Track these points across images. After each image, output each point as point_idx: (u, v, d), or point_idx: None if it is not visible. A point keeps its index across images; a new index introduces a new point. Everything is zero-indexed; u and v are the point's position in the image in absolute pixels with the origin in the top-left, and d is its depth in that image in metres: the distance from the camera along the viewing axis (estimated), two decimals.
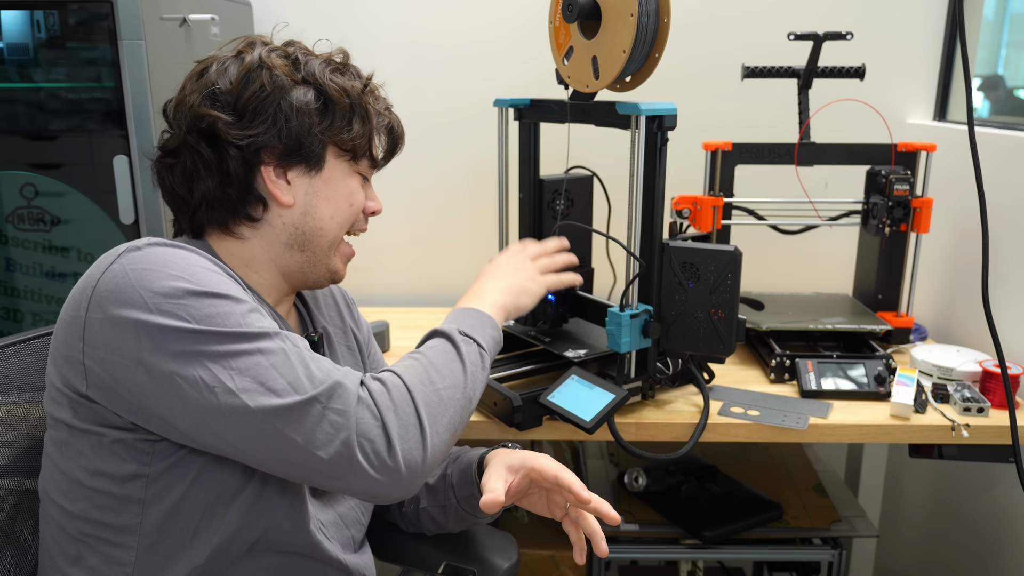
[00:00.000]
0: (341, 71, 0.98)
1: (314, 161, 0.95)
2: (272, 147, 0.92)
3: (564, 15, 1.22)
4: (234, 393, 0.79)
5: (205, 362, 0.79)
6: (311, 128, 0.93)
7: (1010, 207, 1.50)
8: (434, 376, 0.90)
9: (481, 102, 1.65)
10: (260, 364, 0.80)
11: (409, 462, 0.83)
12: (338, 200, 0.98)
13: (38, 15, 1.36)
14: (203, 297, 0.81)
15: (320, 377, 0.82)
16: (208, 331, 0.79)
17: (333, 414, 0.80)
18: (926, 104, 1.93)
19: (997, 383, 1.35)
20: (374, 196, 1.05)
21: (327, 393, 0.81)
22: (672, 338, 1.28)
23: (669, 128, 1.20)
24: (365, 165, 1.01)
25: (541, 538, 1.67)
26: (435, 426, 0.86)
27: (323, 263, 1.00)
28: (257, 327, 0.82)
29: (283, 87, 0.92)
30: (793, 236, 1.73)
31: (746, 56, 1.73)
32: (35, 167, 1.43)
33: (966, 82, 1.18)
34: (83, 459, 0.86)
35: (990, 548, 1.62)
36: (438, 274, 2.03)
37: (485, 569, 1.14)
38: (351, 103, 0.96)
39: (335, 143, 0.96)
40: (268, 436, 0.80)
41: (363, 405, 0.83)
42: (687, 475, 1.61)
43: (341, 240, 1.02)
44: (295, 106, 0.92)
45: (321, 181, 0.96)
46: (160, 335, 0.79)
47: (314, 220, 0.97)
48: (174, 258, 0.83)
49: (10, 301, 1.49)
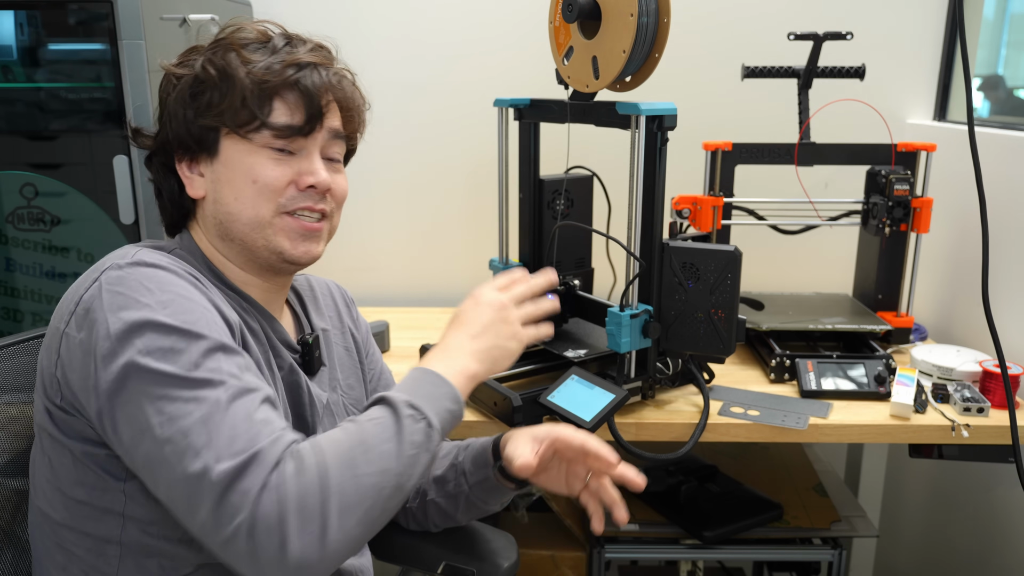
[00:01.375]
0: (244, 45, 0.92)
1: (206, 146, 0.93)
2: (174, 146, 0.94)
3: (564, 15, 1.22)
4: (159, 442, 0.76)
5: (143, 402, 0.77)
6: (186, 116, 0.92)
7: (1010, 207, 1.50)
8: (359, 459, 0.79)
9: (481, 102, 1.65)
10: (191, 415, 0.76)
11: (302, 561, 0.74)
12: (237, 181, 0.92)
13: (22, 16, 1.36)
14: (162, 332, 0.79)
15: (240, 446, 0.75)
16: (152, 369, 0.77)
17: (237, 495, 0.74)
18: (926, 104, 1.93)
19: (997, 383, 1.35)
20: (312, 169, 0.94)
21: (239, 468, 0.74)
22: (672, 338, 1.28)
23: (669, 128, 1.20)
24: (268, 136, 0.91)
25: (541, 538, 1.67)
26: (344, 521, 0.76)
27: (258, 245, 0.94)
28: (203, 373, 0.78)
29: (169, 84, 0.93)
30: (793, 236, 1.73)
31: (746, 56, 1.73)
32: (35, 167, 1.43)
33: (966, 82, 1.18)
34: (64, 470, 0.86)
35: (990, 548, 1.62)
36: (438, 274, 2.03)
37: (485, 569, 1.13)
38: (219, 76, 0.90)
39: (217, 124, 0.91)
40: (179, 496, 0.77)
41: (269, 489, 0.74)
42: (687, 475, 1.61)
43: (271, 218, 0.93)
44: (175, 99, 0.92)
45: (221, 165, 0.93)
46: (113, 366, 0.78)
47: (222, 206, 0.93)
48: (151, 281, 0.82)
49: (10, 301, 1.49)
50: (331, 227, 1.00)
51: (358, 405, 1.13)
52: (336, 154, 0.99)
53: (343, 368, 1.12)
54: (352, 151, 1.07)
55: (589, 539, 1.55)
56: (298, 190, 0.94)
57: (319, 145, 0.95)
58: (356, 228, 2.03)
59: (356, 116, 1.02)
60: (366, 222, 2.03)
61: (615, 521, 1.02)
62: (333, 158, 0.99)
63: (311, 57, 0.94)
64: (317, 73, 0.94)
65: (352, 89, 1.00)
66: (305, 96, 0.92)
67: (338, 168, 1.00)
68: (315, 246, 0.97)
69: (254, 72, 0.90)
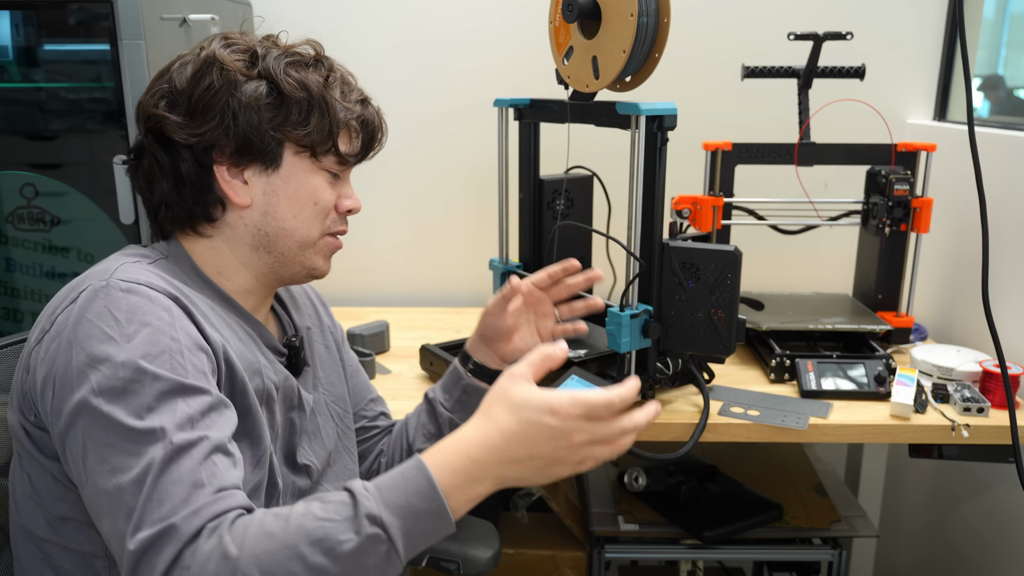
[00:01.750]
0: (304, 63, 0.94)
1: (270, 159, 0.91)
2: (223, 146, 0.90)
3: (564, 15, 1.22)
4: (98, 491, 0.75)
5: (89, 445, 0.76)
6: (260, 124, 0.90)
7: (1010, 207, 1.50)
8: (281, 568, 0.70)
9: (481, 102, 1.65)
10: (129, 472, 0.74)
11: None
12: (299, 199, 0.94)
13: (17, 16, 1.36)
14: (119, 369, 0.77)
15: (161, 514, 0.72)
16: (102, 413, 0.76)
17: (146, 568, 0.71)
18: (926, 104, 1.93)
19: (997, 383, 1.35)
20: (350, 193, 1.00)
21: (152, 540, 0.71)
22: (672, 338, 1.28)
23: (669, 128, 1.20)
24: (331, 161, 0.96)
25: (541, 538, 1.67)
26: None
27: (296, 262, 0.97)
28: (150, 422, 0.75)
29: (233, 83, 0.89)
30: (793, 236, 1.73)
31: (746, 56, 1.73)
32: (35, 167, 1.43)
33: (966, 82, 1.18)
34: (44, 487, 0.85)
35: (990, 548, 1.62)
36: (438, 274, 2.03)
37: (468, 561, 1.15)
38: (308, 96, 0.92)
39: (292, 139, 0.92)
40: (111, 546, 0.76)
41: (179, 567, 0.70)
42: (687, 475, 1.61)
43: (316, 239, 0.97)
44: (244, 102, 0.89)
45: (280, 179, 0.93)
46: (68, 400, 0.77)
47: (276, 221, 0.93)
48: (121, 309, 0.80)
49: (10, 301, 1.49)
50: None
51: (340, 402, 1.13)
52: None
53: (324, 366, 1.12)
54: None
55: (589, 539, 1.55)
56: (337, 213, 0.99)
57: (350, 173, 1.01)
58: (356, 228, 2.01)
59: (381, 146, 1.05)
60: (366, 222, 2.02)
61: (576, 332, 1.15)
62: None
63: (364, 93, 1.00)
64: (373, 110, 1.00)
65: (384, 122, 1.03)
66: (367, 131, 0.99)
67: None
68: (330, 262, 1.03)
69: (343, 102, 0.95)
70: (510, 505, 1.76)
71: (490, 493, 0.79)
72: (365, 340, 1.61)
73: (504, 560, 1.64)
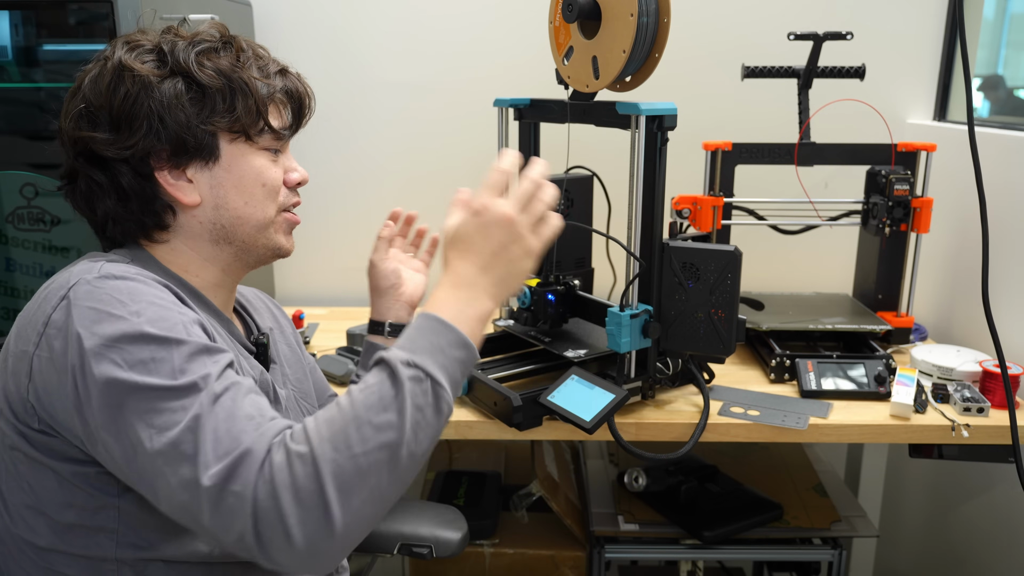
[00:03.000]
0: (213, 49, 0.92)
1: (208, 152, 0.90)
2: (158, 151, 0.89)
3: (564, 15, 1.22)
4: (151, 456, 0.75)
5: (131, 417, 0.76)
6: (189, 121, 0.88)
7: (1010, 207, 1.50)
8: (353, 438, 0.75)
9: (481, 102, 1.65)
10: (178, 425, 0.75)
11: (312, 549, 0.73)
12: (247, 184, 0.93)
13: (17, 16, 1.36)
14: (141, 343, 0.78)
15: (226, 447, 0.75)
16: (136, 384, 0.76)
17: (232, 498, 0.73)
18: (926, 104, 1.93)
19: (997, 383, 1.35)
20: (295, 167, 0.99)
21: (229, 470, 0.74)
22: (672, 338, 1.28)
23: (669, 128, 1.20)
24: (268, 139, 0.95)
25: (541, 538, 1.67)
26: (347, 503, 0.73)
27: (259, 245, 0.96)
28: (188, 378, 0.77)
29: (148, 86, 0.87)
30: (793, 236, 1.73)
31: (746, 56, 1.73)
32: (35, 167, 1.43)
33: (966, 82, 1.18)
34: (48, 492, 0.84)
35: (990, 548, 1.62)
36: (437, 274, 2.02)
37: (440, 544, 1.19)
38: (227, 82, 0.90)
39: (223, 128, 0.91)
40: (179, 507, 0.76)
41: (262, 485, 0.73)
42: (687, 475, 1.61)
43: (273, 219, 0.97)
44: (166, 103, 0.87)
45: (222, 170, 0.92)
46: (93, 384, 0.77)
47: (229, 211, 0.93)
48: (122, 293, 0.80)
49: (10, 301, 1.49)
50: None
51: (307, 398, 1.14)
52: None
53: (290, 364, 1.13)
54: None
55: (589, 539, 1.55)
56: (287, 188, 0.98)
57: (288, 144, 1.00)
58: (356, 228, 2.02)
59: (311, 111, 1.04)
60: (366, 222, 2.02)
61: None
62: None
63: (280, 63, 0.99)
64: (293, 77, 0.99)
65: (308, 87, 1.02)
66: (293, 100, 0.98)
67: None
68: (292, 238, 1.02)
69: (263, 77, 0.94)
70: (510, 505, 1.76)
71: (494, 307, 0.89)
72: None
73: (504, 560, 1.64)
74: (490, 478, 1.84)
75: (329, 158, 1.97)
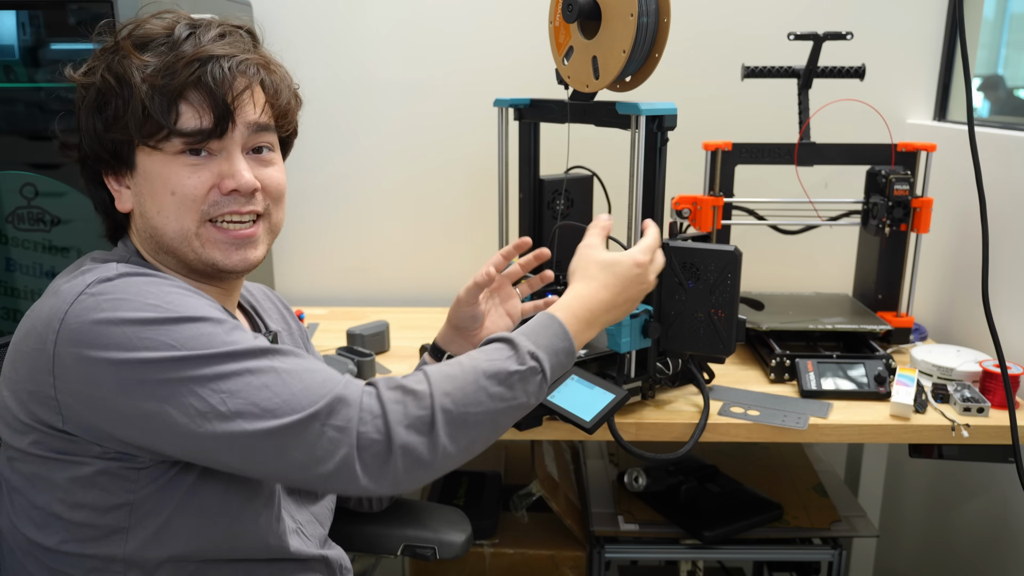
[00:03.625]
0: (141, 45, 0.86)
1: (123, 160, 0.88)
2: (95, 158, 0.90)
3: (564, 15, 1.22)
4: (227, 417, 0.76)
5: (194, 387, 0.76)
6: (95, 129, 0.87)
7: (1010, 207, 1.50)
8: (469, 395, 0.84)
9: (481, 102, 1.65)
10: (251, 384, 0.77)
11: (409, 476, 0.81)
12: (158, 193, 0.87)
13: (24, 16, 1.36)
14: (183, 323, 0.78)
15: (319, 392, 0.79)
16: (194, 356, 0.77)
17: (332, 431, 0.77)
18: (926, 104, 1.93)
19: (997, 383, 1.35)
20: (232, 172, 0.87)
21: (327, 409, 0.78)
22: (672, 338, 1.28)
23: (669, 128, 1.20)
24: (178, 143, 0.85)
25: (541, 538, 1.67)
26: (450, 444, 0.83)
27: (192, 258, 0.89)
28: (244, 345, 0.79)
29: (80, 96, 0.89)
30: (793, 236, 1.73)
31: (746, 56, 1.73)
32: (35, 167, 1.43)
33: (966, 82, 1.18)
34: (59, 491, 0.82)
35: (990, 548, 1.62)
36: (438, 274, 2.03)
37: (444, 546, 1.19)
38: (116, 82, 0.84)
39: (124, 136, 0.86)
40: (267, 455, 0.78)
41: (367, 413, 0.79)
42: (687, 475, 1.61)
43: (196, 229, 0.88)
44: (82, 111, 0.88)
45: (141, 178, 0.88)
46: (143, 368, 0.76)
47: (147, 220, 0.89)
48: (147, 287, 0.81)
49: (10, 301, 1.49)
50: (271, 225, 0.94)
51: None
52: (266, 144, 0.92)
53: None
54: (292, 134, 0.99)
55: (589, 539, 1.55)
56: (222, 194, 0.88)
57: (239, 143, 0.88)
58: (356, 228, 2.03)
59: (282, 100, 0.92)
60: (366, 222, 2.02)
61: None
62: (262, 149, 0.91)
63: (215, 48, 0.85)
64: (219, 66, 0.84)
65: (268, 72, 0.91)
66: (210, 95, 0.84)
67: (270, 160, 0.92)
68: (252, 252, 0.91)
69: (149, 76, 0.83)
70: (510, 505, 1.75)
71: (593, 335, 1.01)
72: (365, 340, 1.61)
73: (504, 560, 1.64)
74: (490, 478, 1.84)
75: (329, 158, 1.97)
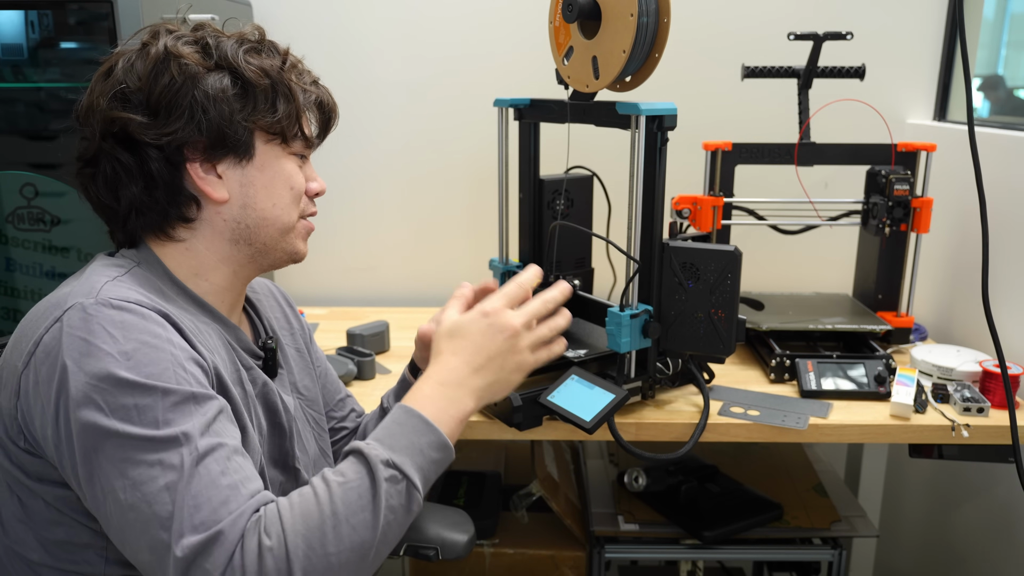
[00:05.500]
0: (257, 50, 0.92)
1: (243, 150, 0.90)
2: (194, 142, 0.87)
3: (564, 15, 1.22)
4: (123, 507, 0.74)
5: (106, 463, 0.75)
6: (232, 116, 0.88)
7: (1010, 207, 1.50)
8: (328, 537, 0.75)
9: (481, 102, 1.65)
10: (154, 481, 0.74)
11: None
12: (276, 187, 0.94)
13: (32, 15, 1.36)
14: (127, 388, 0.76)
15: (203, 518, 0.73)
16: (116, 431, 0.75)
17: (200, 572, 0.72)
18: (926, 104, 1.93)
19: (997, 383, 1.35)
20: (314, 176, 1.01)
21: (201, 546, 0.73)
22: (672, 338, 1.28)
23: (669, 128, 1.20)
24: (299, 145, 0.97)
25: (541, 538, 1.67)
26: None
27: (278, 248, 0.97)
28: (170, 430, 0.76)
29: (195, 76, 0.87)
30: (793, 236, 1.73)
31: (746, 56, 1.73)
32: (35, 167, 1.43)
33: (966, 82, 1.18)
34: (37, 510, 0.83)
35: (990, 548, 1.62)
36: (438, 274, 2.03)
37: (446, 546, 1.17)
38: (271, 83, 0.91)
39: (261, 128, 0.91)
40: (144, 562, 0.76)
41: (232, 569, 0.73)
42: (687, 475, 1.61)
43: (295, 224, 0.97)
44: (211, 95, 0.87)
45: (255, 169, 0.92)
46: (74, 423, 0.76)
47: (255, 211, 0.92)
48: (116, 326, 0.78)
49: (10, 301, 1.49)
50: None
51: (314, 406, 1.13)
52: None
53: (297, 370, 1.12)
54: None
55: (589, 539, 1.55)
56: (307, 196, 1.00)
57: None
58: (356, 228, 2.03)
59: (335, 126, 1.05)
60: (366, 222, 2.03)
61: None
62: None
63: (314, 74, 1.00)
64: (323, 90, 1.00)
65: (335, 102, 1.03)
66: (323, 112, 0.99)
67: None
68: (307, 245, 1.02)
69: (301, 84, 0.95)
70: (510, 505, 1.76)
71: (475, 409, 0.91)
72: (365, 340, 1.61)
73: (504, 560, 1.64)
74: (490, 478, 1.84)
75: (329, 158, 1.97)
